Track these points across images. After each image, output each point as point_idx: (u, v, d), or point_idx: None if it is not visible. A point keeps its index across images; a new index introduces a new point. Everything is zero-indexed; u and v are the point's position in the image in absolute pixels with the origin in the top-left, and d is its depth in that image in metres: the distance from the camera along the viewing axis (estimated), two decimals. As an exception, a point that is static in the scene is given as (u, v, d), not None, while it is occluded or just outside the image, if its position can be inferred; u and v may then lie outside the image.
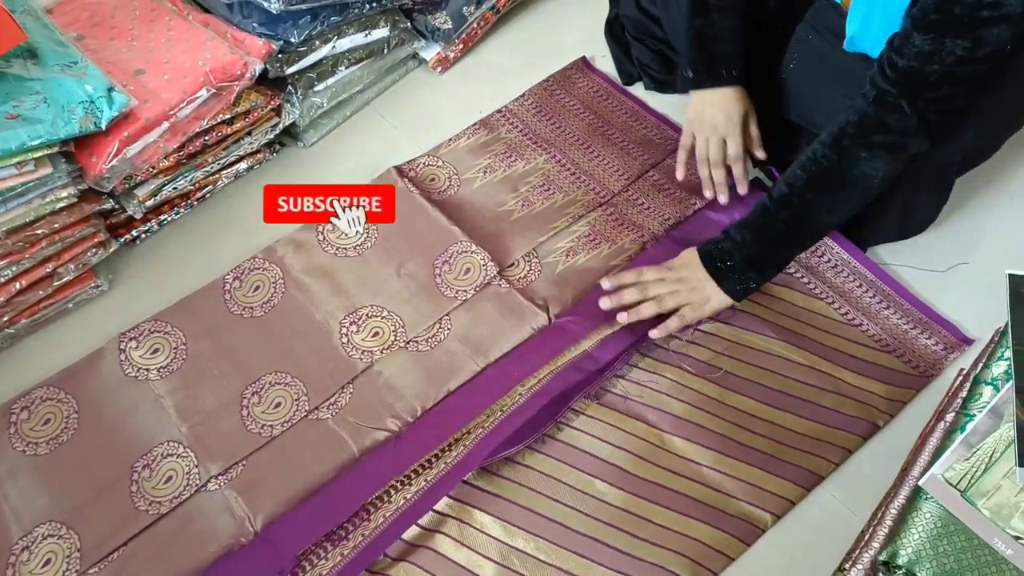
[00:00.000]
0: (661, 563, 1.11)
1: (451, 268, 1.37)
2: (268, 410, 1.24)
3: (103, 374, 1.27)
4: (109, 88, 1.25)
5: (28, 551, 1.11)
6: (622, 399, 1.25)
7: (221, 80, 1.33)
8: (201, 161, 1.42)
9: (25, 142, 1.17)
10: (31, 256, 1.26)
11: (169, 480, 1.17)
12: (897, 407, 1.24)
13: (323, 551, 1.12)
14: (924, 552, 0.90)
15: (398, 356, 1.29)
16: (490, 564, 1.12)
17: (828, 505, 1.17)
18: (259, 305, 1.35)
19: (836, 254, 1.39)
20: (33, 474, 1.18)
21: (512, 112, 1.62)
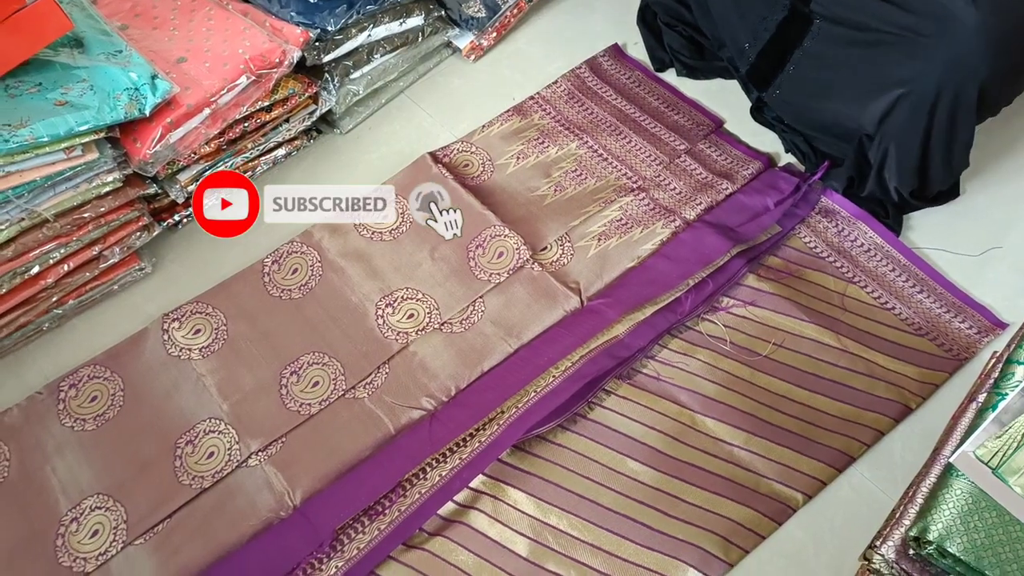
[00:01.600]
0: (692, 540, 1.12)
1: (484, 252, 1.39)
2: (306, 389, 1.27)
3: (147, 354, 1.31)
4: (153, 76, 1.29)
5: (76, 522, 1.15)
6: (654, 379, 1.27)
7: (260, 67, 1.36)
8: (240, 147, 1.45)
9: (73, 128, 1.20)
10: (78, 239, 1.29)
11: (211, 456, 1.21)
12: (929, 390, 1.24)
13: (360, 525, 1.14)
14: (955, 527, 0.91)
15: (432, 337, 1.31)
16: (523, 540, 1.14)
17: (859, 486, 1.18)
18: (297, 288, 1.37)
19: (869, 238, 1.39)
20: (80, 449, 1.22)
21: (545, 99, 1.64)
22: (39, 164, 1.21)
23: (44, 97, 1.24)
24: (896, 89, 1.23)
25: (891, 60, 1.23)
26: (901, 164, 1.32)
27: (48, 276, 1.29)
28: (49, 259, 1.28)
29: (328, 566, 1.11)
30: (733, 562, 1.11)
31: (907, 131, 1.26)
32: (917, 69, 1.20)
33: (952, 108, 1.20)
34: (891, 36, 1.21)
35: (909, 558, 0.96)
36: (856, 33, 1.26)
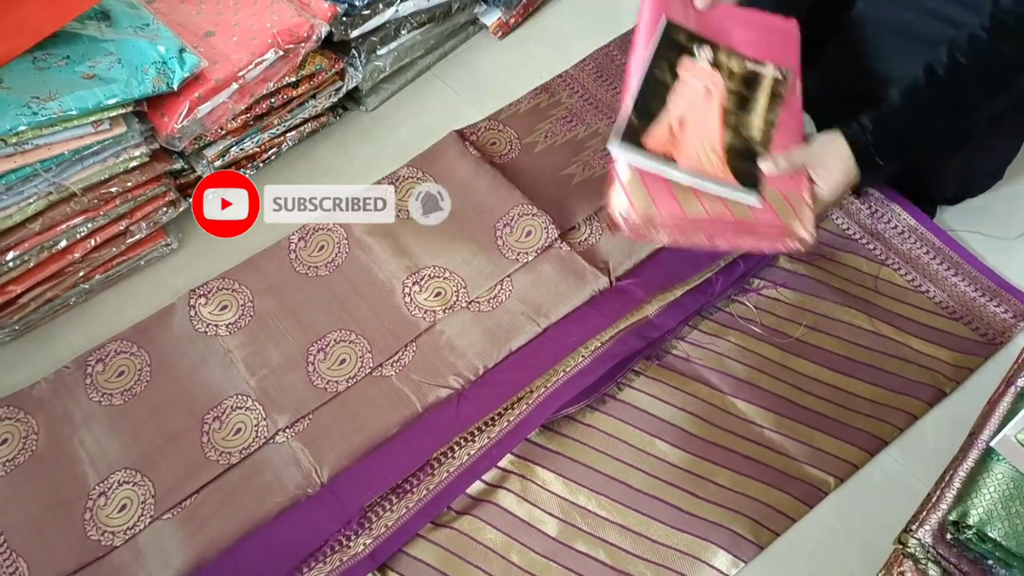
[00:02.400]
0: (722, 522, 1.12)
1: (512, 231, 1.38)
2: (333, 366, 1.26)
3: (174, 329, 1.30)
4: (180, 49, 1.28)
5: (105, 496, 1.15)
6: (683, 361, 1.26)
7: (288, 42, 1.34)
8: (267, 123, 1.45)
9: (101, 101, 1.20)
10: (105, 213, 1.29)
11: (238, 432, 1.20)
12: (964, 374, 1.23)
13: (389, 503, 1.14)
14: (996, 512, 0.90)
15: (460, 316, 1.30)
16: (552, 519, 1.13)
17: (891, 470, 1.17)
18: (323, 265, 1.37)
19: (903, 220, 1.37)
20: (108, 423, 1.22)
21: (573, 77, 1.62)
22: (67, 137, 1.20)
23: (72, 70, 1.23)
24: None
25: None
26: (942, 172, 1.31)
27: (75, 250, 1.29)
28: (76, 233, 1.27)
29: (356, 543, 1.11)
30: (764, 545, 1.10)
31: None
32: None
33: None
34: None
35: (946, 542, 0.95)
36: (903, 20, 1.23)
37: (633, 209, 1.03)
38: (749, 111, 1.13)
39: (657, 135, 1.06)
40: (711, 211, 1.05)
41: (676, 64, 1.13)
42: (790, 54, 1.21)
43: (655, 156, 1.04)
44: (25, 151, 1.17)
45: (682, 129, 1.08)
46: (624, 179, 1.04)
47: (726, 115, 1.11)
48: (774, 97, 1.14)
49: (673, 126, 1.08)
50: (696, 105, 1.11)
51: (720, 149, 1.08)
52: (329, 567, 1.10)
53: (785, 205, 1.06)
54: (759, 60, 1.17)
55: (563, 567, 1.10)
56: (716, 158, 1.07)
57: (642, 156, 1.04)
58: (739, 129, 1.11)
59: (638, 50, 1.13)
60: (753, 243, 1.08)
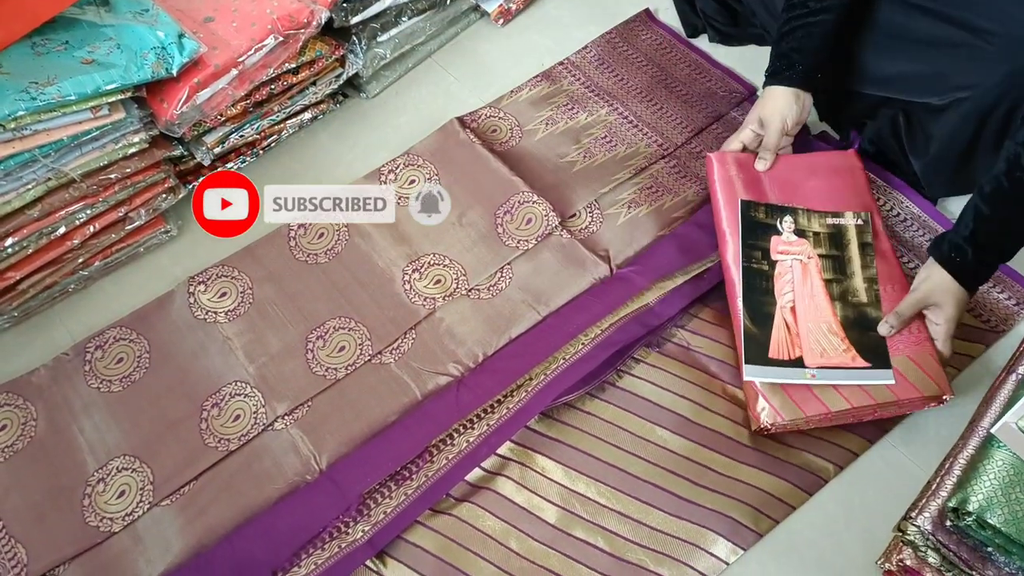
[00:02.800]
0: (722, 510, 1.11)
1: (513, 218, 1.37)
2: (332, 354, 1.26)
3: (173, 316, 1.30)
4: (180, 35, 1.27)
5: (103, 483, 1.15)
6: (684, 349, 1.25)
7: (288, 28, 1.34)
8: (267, 110, 1.44)
9: (100, 86, 1.19)
10: (104, 200, 1.28)
11: (237, 419, 1.20)
12: (965, 361, 1.22)
13: (387, 490, 1.14)
14: (996, 499, 0.89)
15: (460, 303, 1.30)
16: (551, 507, 1.13)
17: (892, 458, 1.16)
18: (323, 252, 1.36)
19: (906, 208, 1.36)
20: (107, 410, 1.21)
21: (574, 64, 1.61)
22: (66, 123, 1.19)
23: (71, 55, 1.22)
24: (956, 92, 1.21)
25: (954, 61, 1.20)
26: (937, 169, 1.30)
27: (74, 237, 1.28)
28: (75, 220, 1.27)
29: (354, 530, 1.11)
30: (763, 532, 1.10)
31: (954, 138, 1.24)
32: (979, 77, 1.16)
33: (1005, 120, 1.17)
34: (955, 37, 1.17)
35: (945, 529, 0.95)
36: (913, 26, 1.23)
37: (780, 417, 1.12)
38: (849, 275, 1.22)
39: (778, 338, 1.16)
40: (854, 402, 1.13)
41: (767, 248, 1.23)
42: (860, 189, 1.31)
43: (784, 365, 1.15)
44: (24, 137, 1.16)
45: (795, 318, 1.18)
46: (766, 392, 1.14)
47: (828, 286, 1.20)
48: (864, 248, 1.24)
49: (787, 319, 1.17)
50: (799, 286, 1.20)
51: (838, 327, 1.18)
52: (327, 553, 1.10)
53: (918, 371, 1.14)
54: (836, 211, 1.27)
55: (562, 554, 1.10)
56: (838, 339, 1.17)
57: (773, 371, 1.15)
58: (847, 297, 1.20)
59: (728, 243, 1.24)
60: (899, 411, 1.16)
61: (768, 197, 1.29)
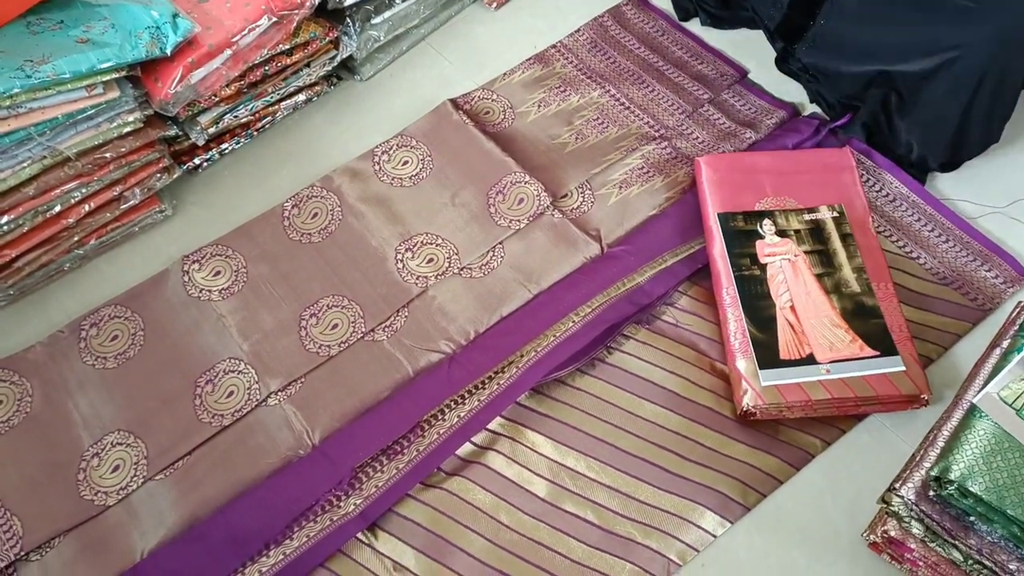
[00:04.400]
0: (710, 484, 1.12)
1: (505, 198, 1.38)
2: (325, 331, 1.27)
3: (167, 294, 1.31)
4: (174, 14, 1.28)
5: (98, 457, 1.16)
6: (673, 326, 1.26)
7: (282, 8, 1.34)
8: (261, 91, 1.45)
9: (95, 65, 1.20)
10: (99, 179, 1.29)
11: (231, 395, 1.21)
12: (952, 339, 1.23)
13: (379, 464, 1.15)
14: (977, 467, 0.90)
15: (452, 282, 1.31)
16: (541, 481, 1.14)
17: (878, 433, 1.17)
18: (317, 232, 1.37)
19: (894, 187, 1.37)
20: (102, 386, 1.23)
21: (567, 47, 1.62)
22: (60, 101, 1.20)
23: (66, 34, 1.23)
24: (944, 53, 1.21)
25: (939, 22, 1.20)
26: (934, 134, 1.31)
27: (70, 216, 1.29)
28: (71, 198, 1.28)
29: (346, 503, 1.12)
30: (751, 506, 1.11)
31: (948, 101, 1.24)
32: (967, 37, 1.17)
33: (999, 82, 1.18)
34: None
35: (929, 500, 0.96)
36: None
37: (761, 401, 1.14)
38: (838, 266, 1.25)
39: (785, 339, 1.18)
40: (835, 393, 1.15)
41: (754, 253, 1.26)
42: (846, 183, 1.34)
43: (797, 364, 1.17)
44: (19, 114, 1.17)
45: (797, 317, 1.20)
46: (758, 387, 1.15)
47: (821, 280, 1.23)
48: (845, 239, 1.27)
49: (789, 319, 1.20)
50: (793, 284, 1.23)
51: (839, 319, 1.20)
52: (319, 526, 1.11)
53: (899, 373, 1.16)
54: (811, 207, 1.31)
55: (552, 527, 1.11)
56: (842, 331, 1.20)
57: (788, 372, 1.16)
58: (841, 288, 1.23)
59: (715, 239, 1.29)
60: (882, 409, 1.17)
61: (762, 192, 1.32)
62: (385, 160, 1.45)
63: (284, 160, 1.50)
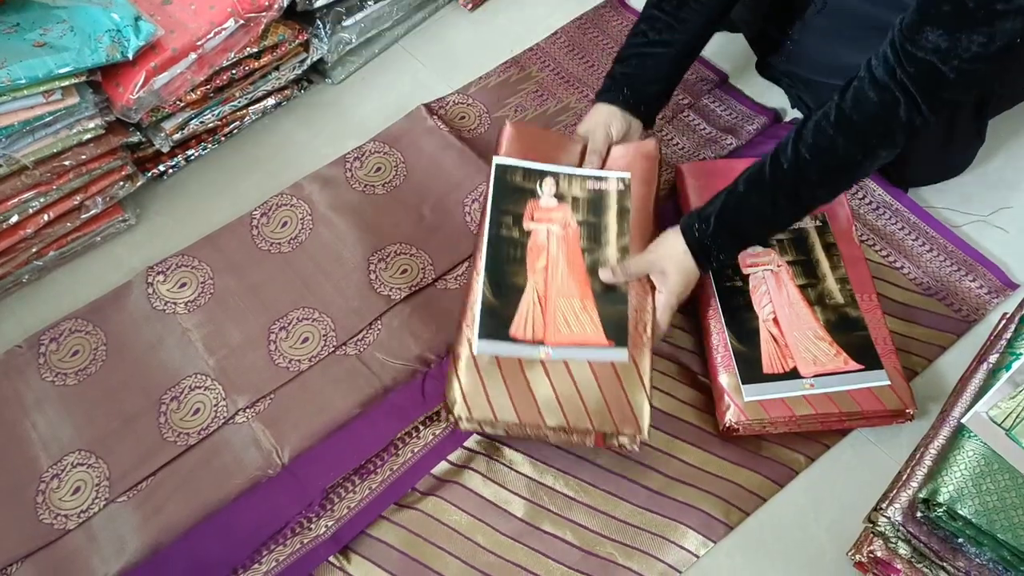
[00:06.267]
0: (692, 502, 1.10)
1: (481, 206, 1.35)
2: (295, 345, 1.23)
3: (131, 307, 1.27)
4: (136, 17, 1.23)
5: (58, 479, 1.12)
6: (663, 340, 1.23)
7: (249, 11, 1.30)
8: (228, 95, 1.40)
9: (52, 70, 1.15)
10: (59, 187, 1.24)
11: (197, 412, 1.17)
12: (937, 351, 1.21)
13: (351, 484, 1.11)
14: (966, 490, 0.88)
15: (426, 294, 1.27)
16: (519, 500, 1.11)
17: (862, 449, 1.15)
18: (286, 241, 1.33)
19: (878, 196, 1.35)
20: (62, 404, 1.18)
21: (544, 51, 1.59)
22: (16, 108, 1.15)
23: (22, 38, 1.19)
24: None
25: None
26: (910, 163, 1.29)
27: (28, 226, 1.24)
28: (28, 208, 1.23)
29: (317, 525, 1.08)
30: (734, 524, 1.09)
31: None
32: None
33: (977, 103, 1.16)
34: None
35: (916, 520, 0.93)
36: (871, 9, 1.21)
37: (744, 417, 1.11)
38: (821, 277, 1.22)
39: (768, 353, 1.16)
40: (819, 408, 1.11)
41: (737, 265, 1.22)
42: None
43: (780, 379, 1.13)
44: (-28, 122, 1.13)
45: (780, 330, 1.17)
46: (740, 402, 1.12)
47: (804, 291, 1.21)
48: (828, 249, 1.24)
49: (772, 332, 1.18)
50: (776, 296, 1.20)
51: (823, 331, 1.17)
52: (289, 550, 1.07)
53: (883, 387, 1.13)
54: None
55: (530, 548, 1.08)
56: (826, 344, 1.16)
57: (771, 386, 1.13)
58: (824, 300, 1.20)
59: None
60: (867, 424, 1.15)
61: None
62: (357, 167, 1.41)
63: (252, 167, 1.45)
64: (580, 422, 1.06)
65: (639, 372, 1.09)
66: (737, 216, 1.09)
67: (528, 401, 1.07)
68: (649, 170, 1.24)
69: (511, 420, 1.06)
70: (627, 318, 1.12)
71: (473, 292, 1.14)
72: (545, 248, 1.17)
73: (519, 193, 1.21)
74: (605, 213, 1.20)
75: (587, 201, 1.21)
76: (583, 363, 1.09)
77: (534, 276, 1.15)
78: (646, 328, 1.12)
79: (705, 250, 1.10)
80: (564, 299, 1.14)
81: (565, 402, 1.07)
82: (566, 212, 1.20)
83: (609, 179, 1.22)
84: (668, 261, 1.12)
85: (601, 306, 1.13)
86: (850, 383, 1.12)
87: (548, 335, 1.11)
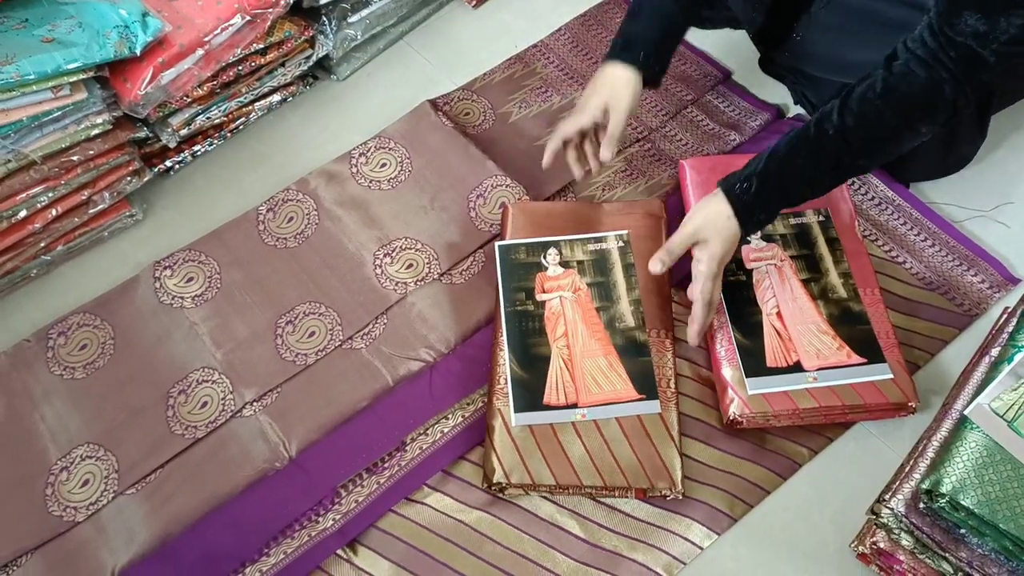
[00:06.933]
0: (696, 495, 1.10)
1: (486, 202, 1.35)
2: (302, 339, 1.24)
3: (138, 301, 1.27)
4: (143, 13, 1.24)
5: (67, 471, 1.13)
6: (658, 334, 1.24)
7: (255, 7, 1.31)
8: (235, 91, 1.41)
9: (61, 65, 1.16)
10: (67, 182, 1.25)
11: (204, 405, 1.18)
12: (939, 345, 1.22)
13: (359, 479, 1.12)
14: (969, 480, 0.89)
15: (432, 288, 1.28)
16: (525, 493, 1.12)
17: (866, 442, 1.16)
18: (292, 236, 1.34)
19: (879, 191, 1.36)
20: (70, 397, 1.19)
21: (548, 47, 1.59)
22: (25, 103, 1.16)
23: (30, 34, 1.19)
24: None
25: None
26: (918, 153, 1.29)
27: (36, 221, 1.25)
28: (36, 203, 1.24)
29: (325, 519, 1.09)
30: (737, 516, 1.09)
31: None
32: None
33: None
34: (915, 19, 1.16)
35: (919, 512, 0.94)
36: (877, 4, 1.21)
37: (748, 410, 1.12)
38: (824, 271, 1.23)
39: (771, 346, 1.16)
40: (822, 401, 1.12)
41: (740, 258, 1.23)
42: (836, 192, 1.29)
43: (783, 372, 1.14)
44: (-19, 117, 1.13)
45: (783, 323, 1.18)
46: (744, 396, 1.13)
47: (807, 285, 1.22)
48: (831, 243, 1.25)
49: (776, 326, 1.18)
50: (779, 290, 1.21)
51: (826, 325, 1.18)
52: (297, 542, 1.08)
53: (886, 381, 1.14)
54: (798, 211, 1.26)
55: (537, 540, 1.08)
56: (829, 338, 1.17)
57: (774, 380, 1.14)
58: (827, 294, 1.21)
59: None
60: (870, 417, 1.15)
61: None
62: (363, 162, 1.41)
63: (259, 162, 1.46)
64: (615, 480, 1.08)
65: (666, 425, 1.12)
66: (780, 173, 1.08)
67: (564, 464, 1.09)
68: (655, 227, 1.28)
69: (550, 483, 1.08)
70: (652, 371, 1.15)
71: (500, 368, 1.16)
72: (561, 314, 1.20)
73: (525, 268, 1.24)
74: (611, 271, 1.23)
75: (592, 263, 1.24)
76: (611, 421, 1.12)
77: (556, 343, 1.18)
78: (669, 383, 1.15)
79: (748, 208, 1.09)
80: (590, 359, 1.16)
81: (599, 461, 1.09)
82: (574, 277, 1.23)
83: (608, 238, 1.26)
84: (710, 228, 1.10)
85: (626, 361, 1.16)
86: (853, 376, 1.13)
87: (580, 397, 1.14)
